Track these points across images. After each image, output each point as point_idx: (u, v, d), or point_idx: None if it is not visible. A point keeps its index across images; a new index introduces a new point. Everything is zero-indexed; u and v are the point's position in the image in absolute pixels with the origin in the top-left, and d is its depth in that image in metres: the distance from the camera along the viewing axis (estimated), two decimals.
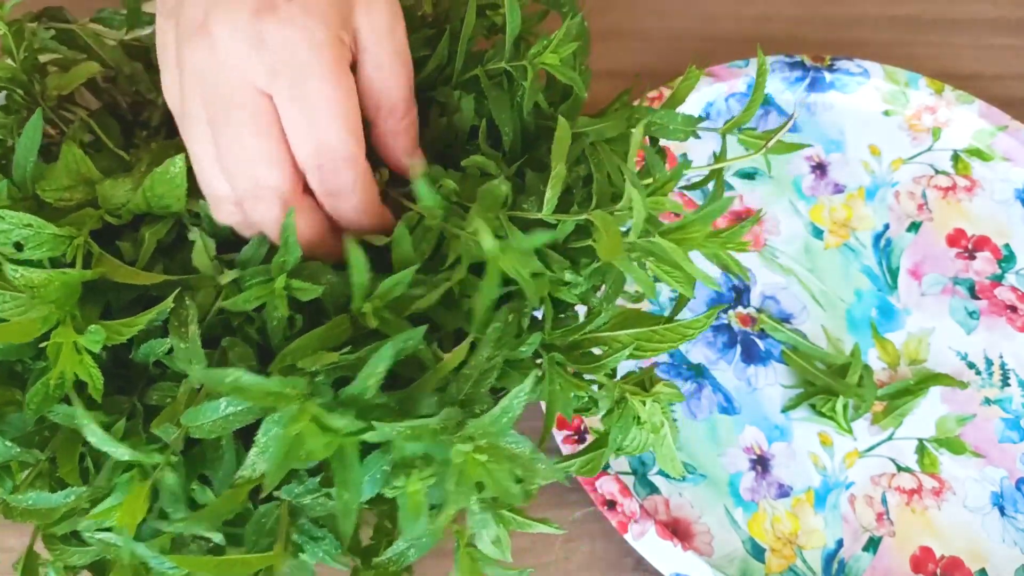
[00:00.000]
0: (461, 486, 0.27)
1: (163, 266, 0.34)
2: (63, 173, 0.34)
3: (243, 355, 0.31)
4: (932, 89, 0.65)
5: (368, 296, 0.31)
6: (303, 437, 0.27)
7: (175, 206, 0.34)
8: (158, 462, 0.30)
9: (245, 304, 0.32)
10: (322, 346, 0.30)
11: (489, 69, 0.38)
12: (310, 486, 0.31)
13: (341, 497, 0.27)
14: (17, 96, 0.39)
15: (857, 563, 0.50)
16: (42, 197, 0.33)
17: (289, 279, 0.32)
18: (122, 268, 0.32)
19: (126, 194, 0.33)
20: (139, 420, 0.32)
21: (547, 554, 0.50)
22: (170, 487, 0.30)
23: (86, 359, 0.30)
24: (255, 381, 0.26)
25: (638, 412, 0.33)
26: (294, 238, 0.32)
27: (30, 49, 0.39)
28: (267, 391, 0.26)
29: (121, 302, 0.34)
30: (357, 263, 0.30)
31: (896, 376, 0.56)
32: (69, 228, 0.32)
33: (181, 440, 0.30)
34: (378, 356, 0.27)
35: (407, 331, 0.29)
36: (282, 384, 0.26)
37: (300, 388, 0.27)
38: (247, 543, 0.31)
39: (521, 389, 0.27)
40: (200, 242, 0.34)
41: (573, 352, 0.34)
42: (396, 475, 0.29)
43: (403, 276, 0.31)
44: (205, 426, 0.29)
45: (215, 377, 0.26)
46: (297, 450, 0.27)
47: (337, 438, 0.27)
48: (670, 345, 0.34)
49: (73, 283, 0.30)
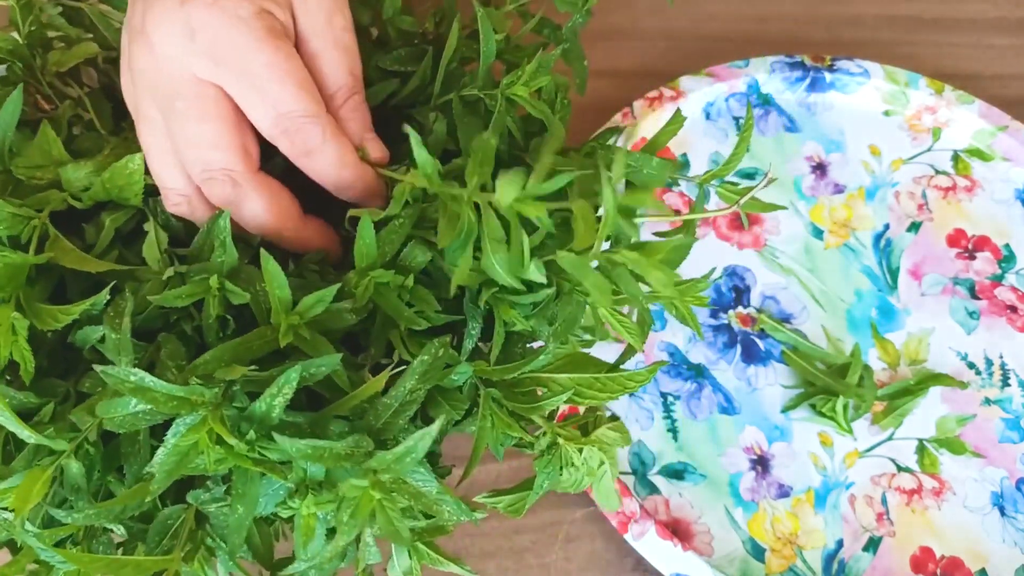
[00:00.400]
0: (354, 518, 0.27)
1: (119, 254, 0.35)
2: (37, 152, 0.34)
3: (174, 353, 0.31)
4: (932, 89, 0.65)
5: (290, 310, 0.31)
6: (198, 447, 0.27)
7: (132, 200, 0.34)
8: (64, 448, 0.30)
9: (177, 300, 0.31)
10: (240, 356, 0.30)
11: (464, 95, 0.38)
12: (216, 494, 0.31)
13: (236, 510, 0.28)
14: (16, 69, 0.39)
15: (857, 563, 0.50)
16: (15, 173, 0.34)
17: (225, 280, 0.32)
18: (72, 253, 0.32)
19: (87, 177, 0.34)
20: (70, 405, 0.32)
21: (547, 554, 0.50)
22: (73, 476, 0.30)
23: (20, 340, 0.30)
24: (159, 385, 0.26)
25: (572, 458, 0.32)
26: (230, 239, 0.32)
27: (37, 23, 0.39)
28: (171, 396, 0.26)
29: (79, 284, 0.34)
30: (273, 274, 0.30)
31: (896, 376, 0.56)
32: (28, 209, 0.32)
33: (95, 430, 0.30)
34: (284, 378, 0.27)
35: (323, 357, 0.29)
36: (188, 391, 0.27)
37: (207, 397, 0.27)
38: (149, 543, 0.31)
39: (428, 432, 0.26)
40: (152, 234, 0.34)
41: (512, 390, 0.33)
42: (293, 496, 0.29)
43: (325, 294, 0.31)
44: (117, 419, 0.29)
45: (120, 375, 0.26)
46: (191, 459, 0.27)
47: (232, 455, 0.27)
48: (609, 396, 0.33)
49: (17, 266, 0.30)
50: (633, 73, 0.68)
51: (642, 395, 0.55)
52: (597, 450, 0.32)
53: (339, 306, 0.32)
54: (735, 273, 0.59)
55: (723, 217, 0.62)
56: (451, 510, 0.29)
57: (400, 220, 0.33)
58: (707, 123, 0.66)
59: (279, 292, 0.30)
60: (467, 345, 0.34)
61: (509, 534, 0.50)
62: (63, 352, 0.34)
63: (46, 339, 0.32)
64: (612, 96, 0.64)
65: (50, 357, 0.34)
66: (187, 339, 0.33)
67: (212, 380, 0.28)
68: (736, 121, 0.66)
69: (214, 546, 0.32)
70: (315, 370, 0.29)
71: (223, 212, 0.32)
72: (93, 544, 0.32)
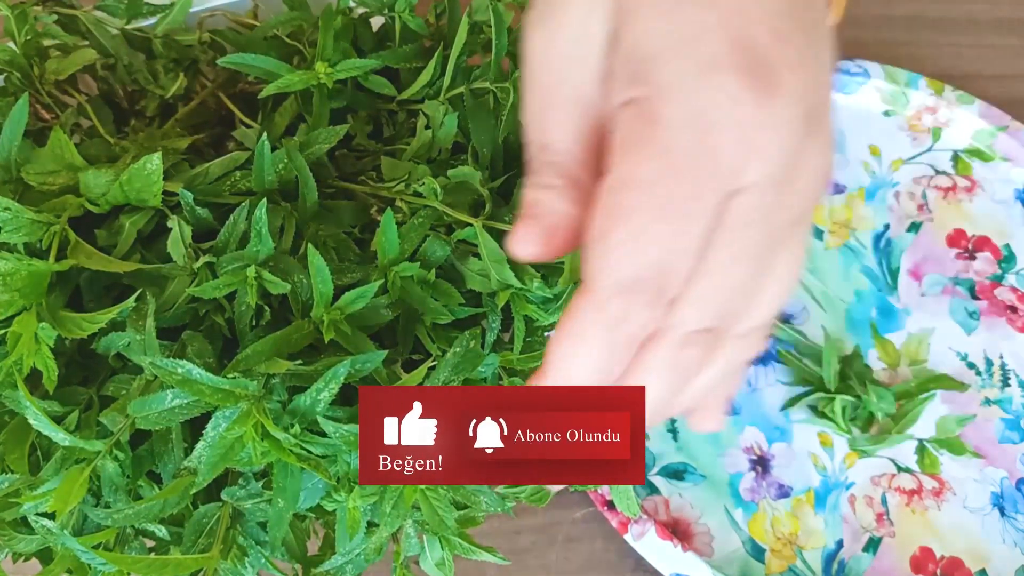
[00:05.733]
0: (398, 509, 0.27)
1: (140, 256, 0.34)
2: (48, 158, 0.34)
3: (201, 350, 0.31)
4: (932, 89, 0.65)
5: (331, 305, 0.31)
6: (244, 440, 0.27)
7: (151, 201, 0.34)
8: (99, 449, 0.30)
9: (215, 291, 0.31)
10: (280, 350, 0.30)
11: (475, 87, 0.38)
12: (252, 490, 0.31)
13: (276, 504, 0.28)
14: (14, 79, 0.39)
15: (857, 563, 0.50)
16: (26, 180, 0.33)
17: (260, 269, 0.32)
18: (97, 255, 0.31)
19: (107, 183, 0.33)
20: (94, 412, 0.32)
21: (547, 554, 0.50)
22: (111, 476, 0.30)
23: (44, 349, 0.30)
24: (206, 377, 0.26)
25: None
26: (267, 229, 0.31)
27: (32, 33, 0.39)
28: (217, 388, 0.26)
29: (95, 289, 0.34)
30: (319, 269, 0.30)
31: (896, 376, 0.56)
32: (47, 215, 0.31)
33: (127, 429, 0.30)
34: (331, 373, 0.27)
35: (366, 353, 0.29)
36: (233, 383, 0.26)
37: (251, 390, 0.27)
38: (186, 542, 0.31)
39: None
40: (176, 230, 0.33)
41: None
42: (338, 489, 0.29)
43: (366, 290, 0.31)
44: (151, 417, 0.29)
45: (167, 368, 0.26)
46: (235, 452, 0.27)
47: (276, 449, 0.27)
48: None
49: (40, 274, 0.30)
50: None
51: None
52: None
53: (377, 301, 0.32)
54: None
55: None
56: (488, 501, 0.29)
57: (420, 218, 0.33)
58: None
59: (322, 287, 0.30)
60: (489, 338, 0.34)
61: (509, 534, 0.50)
62: (82, 359, 0.34)
63: (64, 347, 0.32)
64: None
65: (68, 365, 0.33)
66: (212, 335, 0.33)
67: (252, 374, 0.28)
68: None
69: (246, 544, 0.32)
70: (360, 366, 0.29)
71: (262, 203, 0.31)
72: (126, 549, 0.32)
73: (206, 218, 0.35)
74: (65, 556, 0.31)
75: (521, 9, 0.40)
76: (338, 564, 0.32)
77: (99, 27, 0.41)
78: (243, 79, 0.42)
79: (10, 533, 0.32)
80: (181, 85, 0.40)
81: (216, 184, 0.35)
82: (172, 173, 0.35)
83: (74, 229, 0.33)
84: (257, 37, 0.40)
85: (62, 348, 0.32)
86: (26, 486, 0.31)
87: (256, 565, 0.32)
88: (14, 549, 0.32)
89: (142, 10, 0.40)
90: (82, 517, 0.32)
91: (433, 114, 0.38)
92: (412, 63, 0.40)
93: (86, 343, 0.33)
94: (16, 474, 0.31)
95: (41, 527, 0.31)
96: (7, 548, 0.32)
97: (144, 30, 0.42)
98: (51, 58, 0.40)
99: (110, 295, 0.34)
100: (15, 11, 0.39)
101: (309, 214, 0.35)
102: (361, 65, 0.37)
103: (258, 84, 0.41)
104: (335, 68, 0.36)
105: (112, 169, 0.33)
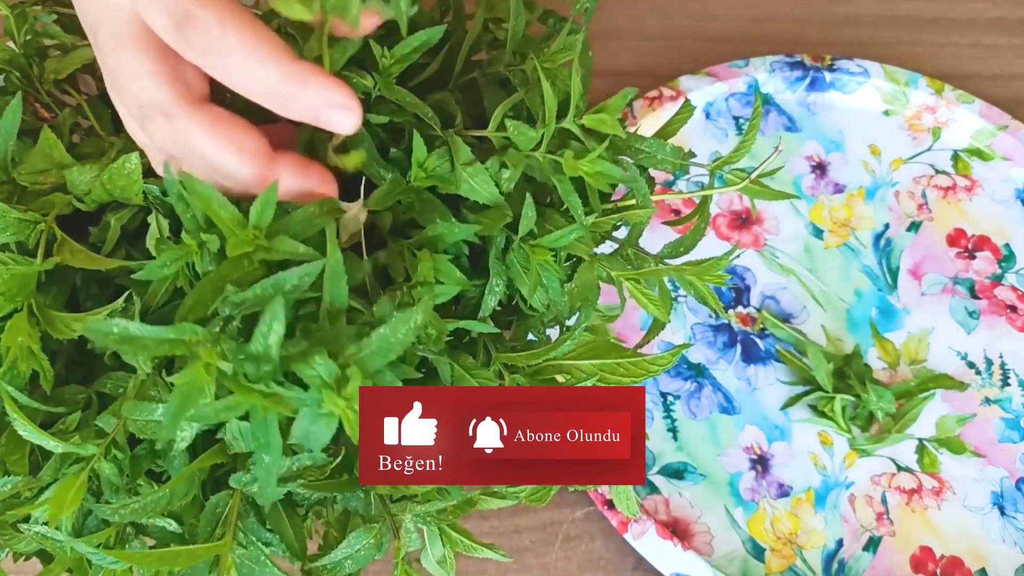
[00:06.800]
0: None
1: (125, 252, 0.34)
2: (39, 157, 0.34)
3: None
4: (932, 89, 0.65)
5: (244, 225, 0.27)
6: (199, 383, 0.24)
7: (135, 199, 0.33)
8: (93, 453, 0.30)
9: (161, 270, 0.29)
10: (220, 290, 0.27)
11: (488, 72, 0.38)
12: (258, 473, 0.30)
13: (261, 461, 0.26)
14: (14, 78, 0.39)
15: (857, 563, 0.50)
16: (18, 180, 0.34)
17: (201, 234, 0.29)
18: (82, 253, 0.31)
19: (91, 180, 0.33)
20: (93, 411, 0.32)
21: (547, 554, 0.50)
22: (108, 477, 0.30)
23: (38, 351, 0.30)
24: (145, 330, 0.24)
25: None
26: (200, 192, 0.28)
27: (32, 32, 0.39)
28: (161, 339, 0.24)
29: (91, 288, 0.34)
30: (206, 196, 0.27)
31: (896, 376, 0.56)
32: (34, 213, 0.31)
33: (123, 432, 0.30)
34: (268, 312, 0.24)
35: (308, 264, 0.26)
36: (179, 330, 0.24)
37: (200, 335, 0.24)
38: (200, 533, 0.30)
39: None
40: (154, 225, 0.33)
41: (536, 378, 0.34)
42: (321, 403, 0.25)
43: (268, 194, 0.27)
44: (139, 424, 0.28)
45: (101, 329, 0.24)
46: (193, 400, 0.24)
47: (238, 389, 0.24)
48: (633, 380, 0.33)
49: (26, 275, 0.30)
50: (633, 73, 0.68)
51: None
52: None
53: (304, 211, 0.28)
54: (735, 273, 0.59)
55: (723, 216, 0.62)
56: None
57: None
58: (707, 123, 0.66)
59: (223, 212, 0.27)
60: (488, 302, 0.34)
61: (509, 534, 0.50)
62: (80, 357, 0.34)
63: (63, 346, 0.32)
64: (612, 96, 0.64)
65: (68, 364, 0.33)
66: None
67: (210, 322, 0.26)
68: (736, 121, 0.66)
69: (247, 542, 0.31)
70: (299, 281, 0.26)
71: (164, 165, 0.29)
72: (126, 548, 0.32)
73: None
74: (65, 556, 0.31)
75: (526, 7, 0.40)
76: (337, 559, 0.32)
77: None
78: None
79: (10, 533, 0.32)
80: None
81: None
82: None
83: (69, 228, 0.33)
84: None
85: (60, 347, 0.32)
86: (27, 488, 0.31)
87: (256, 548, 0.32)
88: (14, 549, 0.32)
89: None
90: (83, 516, 0.32)
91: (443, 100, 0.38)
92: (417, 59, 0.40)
93: (85, 342, 0.33)
94: (17, 476, 0.31)
95: (37, 534, 0.31)
96: (7, 548, 0.32)
97: None
98: (50, 57, 0.40)
99: (106, 293, 0.34)
100: (15, 11, 0.39)
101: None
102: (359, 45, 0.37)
103: None
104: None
105: (96, 166, 0.33)
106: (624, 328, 0.56)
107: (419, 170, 0.33)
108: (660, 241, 0.39)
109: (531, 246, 0.34)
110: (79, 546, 0.30)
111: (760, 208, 0.62)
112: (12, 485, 0.31)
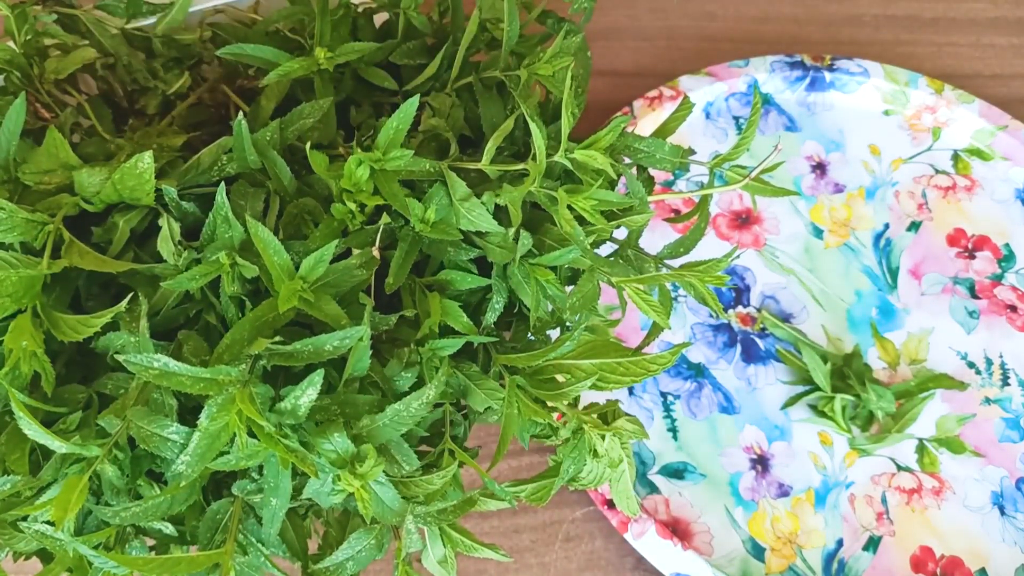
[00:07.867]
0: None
1: (133, 254, 0.34)
2: (44, 157, 0.34)
3: (197, 348, 0.30)
4: (932, 89, 0.65)
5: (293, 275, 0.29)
6: (229, 428, 0.26)
7: (145, 200, 0.33)
8: (96, 454, 0.30)
9: (191, 282, 0.31)
10: (260, 331, 0.29)
11: (484, 76, 0.38)
12: (262, 483, 0.31)
13: (268, 503, 0.28)
14: (14, 78, 0.39)
15: (857, 562, 0.50)
16: (22, 180, 0.33)
17: (235, 255, 0.30)
18: (90, 255, 0.31)
19: (100, 182, 0.33)
20: (94, 411, 0.32)
21: (547, 553, 0.50)
22: (110, 479, 0.30)
23: (41, 354, 0.30)
24: (184, 369, 0.26)
25: (595, 445, 0.33)
26: (231, 212, 0.30)
27: (32, 32, 0.39)
28: (198, 378, 0.26)
29: (93, 288, 0.34)
30: (266, 241, 0.29)
31: (896, 376, 0.56)
32: (41, 214, 0.31)
33: (124, 433, 0.30)
34: (307, 381, 0.26)
35: (347, 330, 0.28)
36: (214, 372, 0.26)
37: (234, 375, 0.26)
38: (200, 540, 0.30)
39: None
40: (165, 228, 0.33)
41: (536, 377, 0.34)
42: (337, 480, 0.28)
43: (323, 252, 0.29)
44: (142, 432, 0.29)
45: (143, 363, 0.26)
46: (221, 442, 0.26)
47: (264, 437, 0.26)
48: (633, 379, 0.33)
49: (31, 278, 0.30)
50: (633, 73, 0.68)
51: (642, 394, 0.55)
52: (618, 443, 0.33)
53: (345, 264, 0.30)
54: (735, 272, 0.59)
55: (723, 216, 0.62)
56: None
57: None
58: (707, 122, 0.66)
59: (276, 258, 0.29)
60: (489, 318, 0.34)
61: (509, 533, 0.50)
62: (81, 357, 0.34)
63: (64, 346, 0.31)
64: (612, 96, 0.65)
65: (68, 364, 0.33)
66: (210, 334, 0.32)
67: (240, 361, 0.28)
68: (736, 120, 0.66)
69: (246, 544, 0.31)
70: (338, 345, 0.28)
71: (220, 187, 0.31)
72: (126, 548, 0.32)
73: (193, 212, 0.34)
74: (65, 556, 0.30)
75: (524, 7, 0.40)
76: (339, 561, 0.32)
77: (99, 26, 0.41)
78: (242, 75, 0.42)
79: (10, 532, 0.32)
80: (185, 82, 0.40)
81: (206, 173, 0.35)
82: (168, 170, 0.35)
83: (71, 228, 0.33)
84: (258, 32, 0.40)
85: (62, 347, 0.32)
86: (27, 487, 0.30)
87: (257, 561, 0.32)
88: (14, 549, 0.32)
89: (142, 9, 0.40)
90: (83, 516, 0.32)
91: (439, 105, 0.38)
92: (415, 59, 0.40)
93: (85, 342, 0.33)
94: (17, 475, 0.31)
95: (38, 533, 0.31)
96: (7, 548, 0.32)
97: (144, 29, 0.42)
98: (51, 57, 0.40)
99: (108, 293, 0.34)
100: (15, 11, 0.39)
101: (290, 192, 0.34)
102: (360, 48, 0.37)
103: (257, 79, 0.41)
104: (335, 53, 0.36)
105: (106, 168, 0.33)
106: (624, 329, 0.56)
107: (422, 224, 0.33)
108: (661, 239, 0.39)
109: (531, 264, 0.34)
110: (79, 546, 0.30)
111: (760, 208, 0.62)
112: (12, 484, 0.31)
